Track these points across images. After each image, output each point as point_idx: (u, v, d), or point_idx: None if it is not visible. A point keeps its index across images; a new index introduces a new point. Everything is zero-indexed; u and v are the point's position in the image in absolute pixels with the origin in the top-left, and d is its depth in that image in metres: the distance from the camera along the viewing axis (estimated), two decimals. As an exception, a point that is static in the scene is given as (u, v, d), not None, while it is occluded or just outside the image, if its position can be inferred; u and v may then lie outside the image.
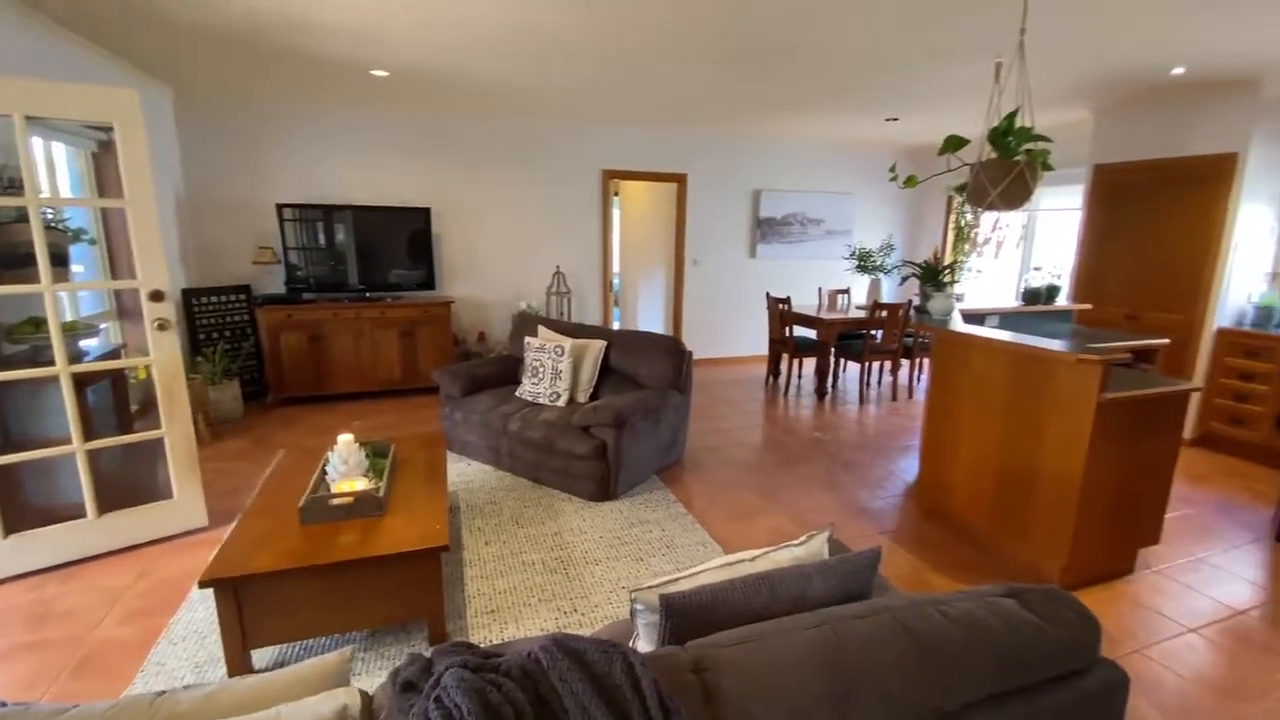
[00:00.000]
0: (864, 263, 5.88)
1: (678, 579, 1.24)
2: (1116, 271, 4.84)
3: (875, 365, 6.40)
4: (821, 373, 5.57)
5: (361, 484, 2.34)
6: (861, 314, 5.58)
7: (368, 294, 5.31)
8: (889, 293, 7.07)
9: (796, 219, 7.10)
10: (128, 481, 2.94)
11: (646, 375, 3.77)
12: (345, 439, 2.43)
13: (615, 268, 7.51)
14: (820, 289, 6.35)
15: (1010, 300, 4.70)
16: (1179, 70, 3.81)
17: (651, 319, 7.54)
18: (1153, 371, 3.72)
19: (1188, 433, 4.46)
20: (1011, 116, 2.44)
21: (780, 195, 6.92)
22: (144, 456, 2.98)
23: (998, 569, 2.77)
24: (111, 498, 2.75)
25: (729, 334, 7.09)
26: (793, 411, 5.23)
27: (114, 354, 3.00)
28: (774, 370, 6.12)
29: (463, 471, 3.72)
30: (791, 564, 1.29)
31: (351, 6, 2.92)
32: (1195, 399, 4.42)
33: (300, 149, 5.22)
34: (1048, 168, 2.60)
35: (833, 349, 5.65)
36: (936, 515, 3.24)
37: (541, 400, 3.79)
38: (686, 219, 6.64)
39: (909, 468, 3.96)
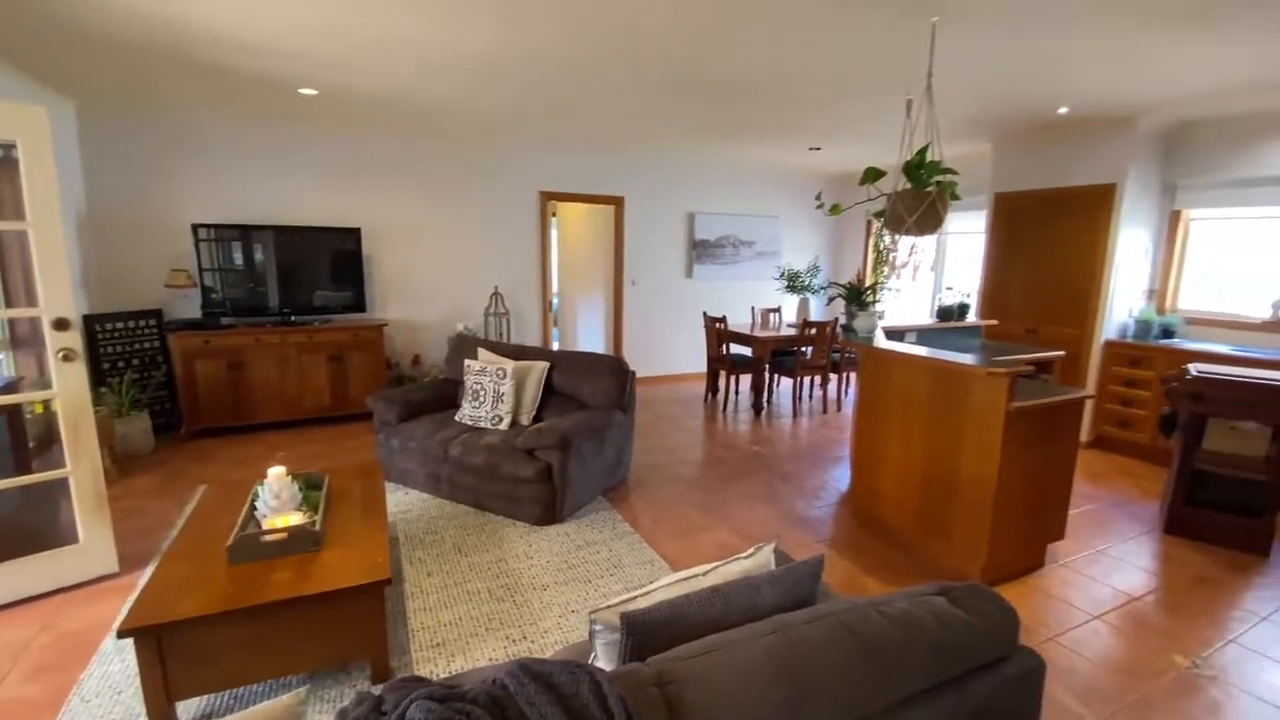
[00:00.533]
0: (793, 283, 6.16)
1: (635, 597, 1.27)
2: (1017, 290, 5.29)
3: (806, 380, 6.67)
4: (758, 388, 5.76)
5: (295, 518, 2.24)
6: (793, 332, 5.83)
7: (292, 318, 5.08)
8: (816, 311, 7.41)
9: (729, 241, 7.35)
10: (26, 526, 2.68)
11: (590, 395, 3.79)
12: (276, 471, 2.32)
13: (554, 288, 7.52)
14: (753, 308, 6.58)
15: (926, 318, 5.04)
16: (1064, 110, 4.25)
17: (591, 339, 7.57)
18: (1052, 381, 4.08)
19: (1084, 436, 4.90)
20: (923, 151, 2.66)
21: (713, 218, 7.15)
22: (45, 498, 2.72)
23: (925, 570, 2.94)
24: (8, 544, 2.50)
25: (668, 352, 7.22)
26: (732, 427, 5.37)
27: (10, 388, 2.74)
28: (713, 387, 6.27)
29: (401, 501, 3.60)
30: (741, 576, 1.34)
31: (276, 25, 2.85)
32: (1089, 405, 4.87)
33: (220, 167, 4.97)
34: (955, 197, 2.84)
35: (767, 365, 5.86)
36: (868, 521, 3.41)
37: (483, 424, 3.74)
38: (625, 240, 6.74)
39: (842, 477, 4.15)
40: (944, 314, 4.37)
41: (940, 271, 6.90)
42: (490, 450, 3.41)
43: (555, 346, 9.11)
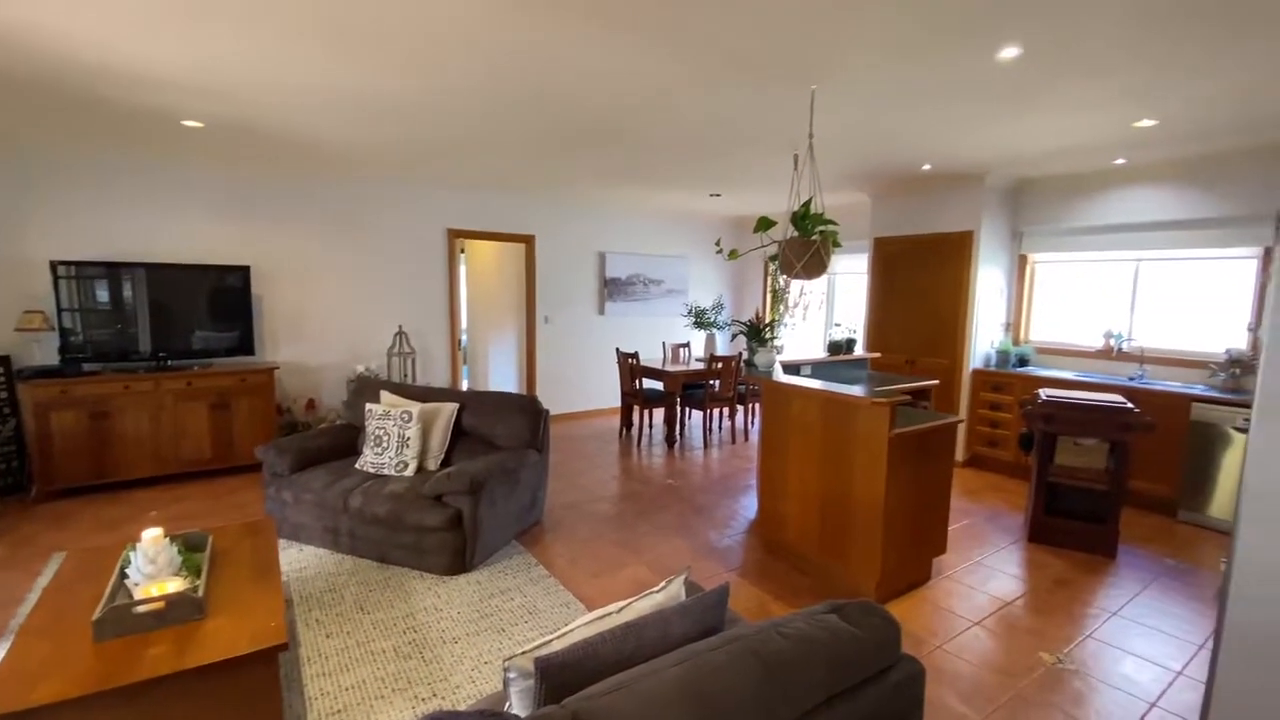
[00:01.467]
0: (700, 320, 6.43)
1: (550, 640, 1.28)
2: (897, 325, 5.82)
3: (716, 412, 6.92)
4: (670, 421, 5.90)
5: (174, 585, 2.05)
6: (701, 366, 6.06)
7: (169, 362, 4.67)
8: (722, 346, 7.74)
9: (639, 279, 7.57)
10: None
11: (503, 436, 3.75)
12: (151, 534, 2.12)
13: (463, 326, 7.38)
14: (664, 343, 6.79)
15: (819, 352, 5.41)
16: (927, 167, 4.81)
17: (504, 377, 7.47)
18: (929, 408, 4.50)
19: (960, 456, 5.40)
20: (807, 204, 2.93)
21: (623, 257, 7.36)
22: None
23: (827, 590, 3.12)
24: None
25: (583, 388, 7.25)
26: (647, 461, 5.45)
27: None
28: (627, 422, 6.35)
29: (295, 559, 3.36)
30: (653, 609, 1.39)
31: (156, 54, 2.71)
32: (962, 428, 5.39)
33: (88, 201, 4.54)
34: (837, 245, 3.14)
35: (678, 399, 6.03)
36: (775, 547, 3.57)
37: (386, 471, 3.59)
38: (537, 278, 6.78)
39: (750, 505, 4.33)
40: (834, 348, 4.73)
41: (831, 309, 7.45)
42: (394, 499, 3.27)
43: (465, 386, 8.89)
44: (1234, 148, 4.04)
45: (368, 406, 3.74)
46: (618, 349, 6.18)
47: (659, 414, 7.00)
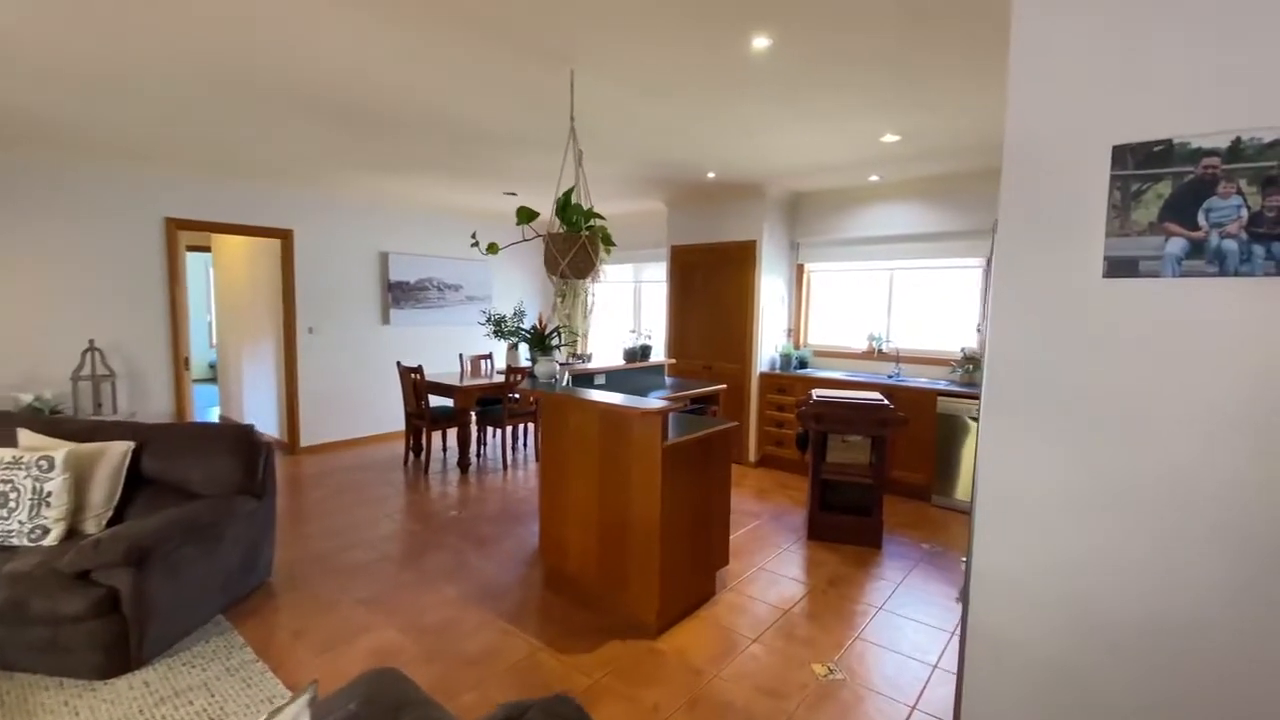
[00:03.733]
0: (499, 328, 5.90)
1: None
2: (695, 331, 5.85)
3: (523, 428, 6.43)
4: (463, 443, 5.28)
5: None
6: (502, 379, 5.54)
7: None
8: (527, 356, 7.28)
9: (433, 284, 6.83)
10: None
11: (203, 482, 2.90)
12: None
13: (213, 339, 6.04)
14: (461, 355, 6.15)
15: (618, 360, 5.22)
16: (712, 175, 4.83)
17: (262, 400, 6.25)
18: (719, 412, 4.47)
19: (752, 457, 5.54)
20: (569, 194, 2.61)
21: (411, 259, 6.57)
22: None
23: (608, 626, 2.80)
24: None
25: (364, 411, 6.30)
26: (435, 490, 4.79)
27: None
28: (414, 446, 5.60)
29: None
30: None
31: None
32: (754, 430, 5.53)
33: None
34: (609, 242, 2.86)
35: (474, 417, 5.45)
36: (556, 581, 3.19)
37: (16, 541, 2.57)
38: (296, 281, 5.73)
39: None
40: (630, 356, 4.53)
41: (638, 315, 7.38)
42: (15, 581, 2.31)
43: (213, 414, 7.38)
44: (963, 170, 4.57)
45: (-15, 454, 2.66)
46: (399, 363, 5.42)
47: (454, 435, 6.31)
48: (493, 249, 2.70)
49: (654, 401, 2.71)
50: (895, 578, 3.38)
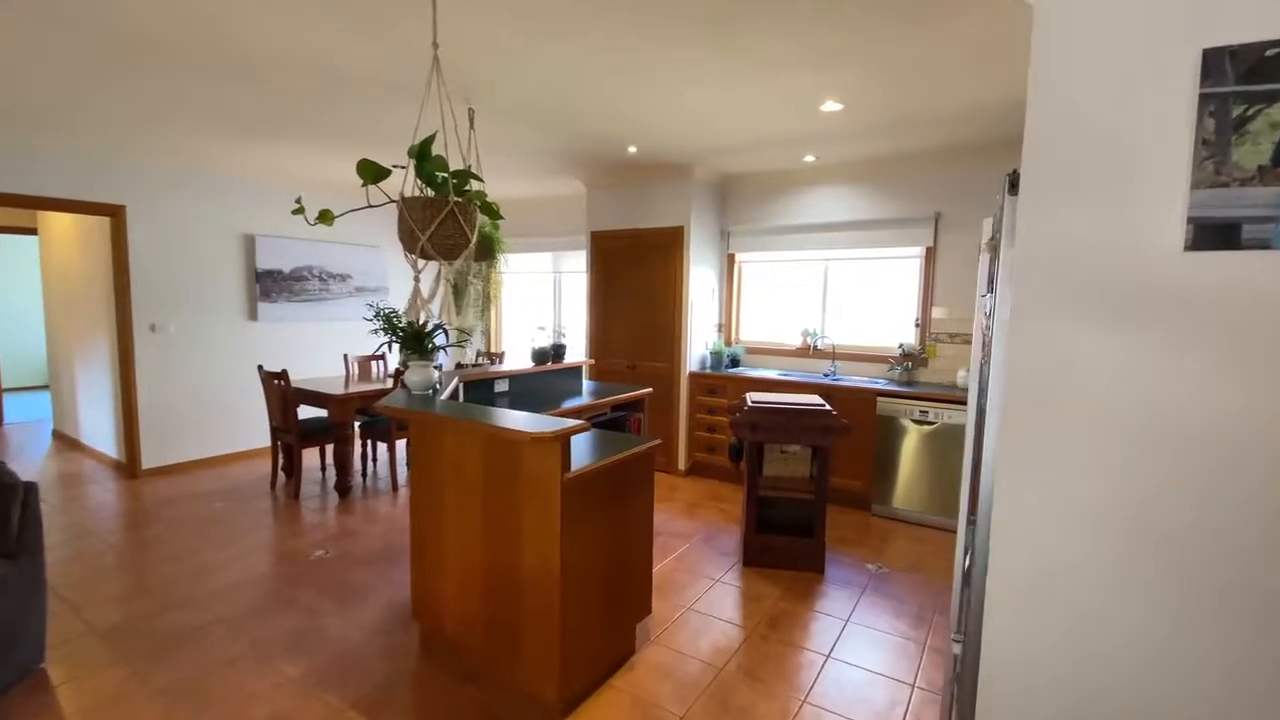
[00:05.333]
0: (390, 325, 5.09)
1: None
2: (619, 327, 5.27)
3: (421, 438, 5.64)
4: (342, 463, 4.47)
5: None
6: (390, 384, 4.76)
7: None
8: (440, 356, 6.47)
9: (313, 273, 5.90)
10: None
11: (-93, 545, 2.04)
12: None
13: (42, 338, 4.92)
14: (347, 356, 5.30)
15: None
16: (633, 149, 4.25)
17: (98, 411, 5.18)
18: (642, 422, 3.92)
19: (682, 465, 5.03)
20: (427, 142, 1.95)
21: (285, 244, 5.62)
22: None
23: (496, 709, 2.18)
24: None
25: (225, 423, 5.32)
26: (303, 521, 3.98)
27: None
28: (287, 467, 4.72)
29: None
30: None
31: None
32: (683, 435, 5.02)
33: None
34: (494, 216, 2.23)
35: (357, 430, 4.65)
36: (434, 645, 2.53)
37: None
38: (132, 268, 4.71)
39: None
40: (540, 357, 3.89)
41: (558, 310, 6.73)
42: None
43: (43, 429, 6.17)
44: (905, 150, 4.21)
45: None
46: (260, 367, 4.52)
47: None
48: (325, 218, 2.00)
49: (551, 422, 2.10)
50: (842, 611, 2.93)
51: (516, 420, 2.14)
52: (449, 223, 1.94)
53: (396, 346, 2.94)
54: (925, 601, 3.04)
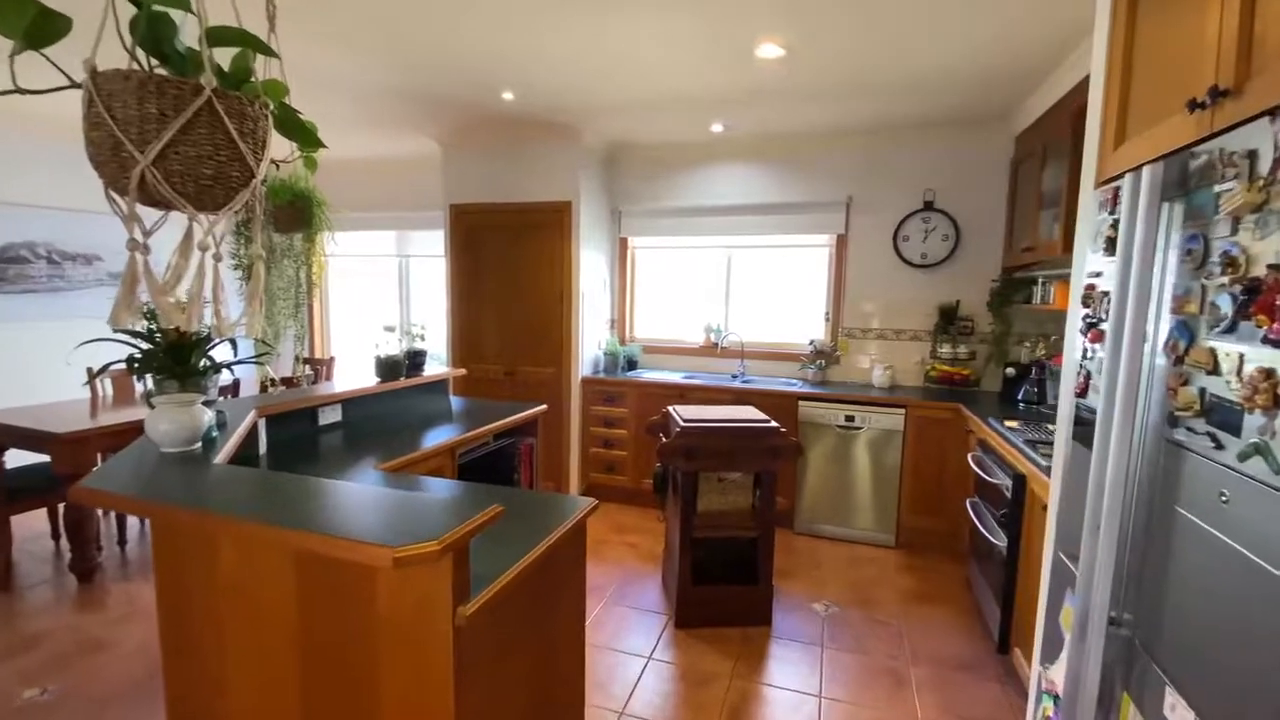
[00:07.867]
0: (133, 332, 3.62)
1: None
2: (490, 324, 4.28)
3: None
4: (79, 531, 3.01)
5: None
6: (159, 410, 3.34)
7: None
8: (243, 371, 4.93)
9: (36, 252, 4.14)
10: None
11: None
12: None
13: None
14: (90, 371, 3.71)
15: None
16: (508, 96, 3.31)
17: None
18: (534, 449, 3.05)
19: (574, 488, 4.21)
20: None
21: (-17, 209, 3.84)
22: None
23: None
24: None
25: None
26: (16, 631, 2.55)
27: None
28: (-16, 538, 3.12)
29: None
30: None
31: None
32: (575, 453, 4.20)
33: None
34: (306, 134, 1.25)
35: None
36: None
37: None
38: None
39: None
40: (388, 369, 2.82)
41: (406, 307, 5.50)
42: None
43: None
44: (821, 126, 3.73)
45: None
46: (-78, 395, 2.91)
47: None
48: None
49: (428, 512, 1.19)
50: (809, 683, 2.33)
51: (359, 518, 1.18)
52: (202, 131, 0.94)
53: (141, 369, 1.77)
54: (892, 651, 2.55)
